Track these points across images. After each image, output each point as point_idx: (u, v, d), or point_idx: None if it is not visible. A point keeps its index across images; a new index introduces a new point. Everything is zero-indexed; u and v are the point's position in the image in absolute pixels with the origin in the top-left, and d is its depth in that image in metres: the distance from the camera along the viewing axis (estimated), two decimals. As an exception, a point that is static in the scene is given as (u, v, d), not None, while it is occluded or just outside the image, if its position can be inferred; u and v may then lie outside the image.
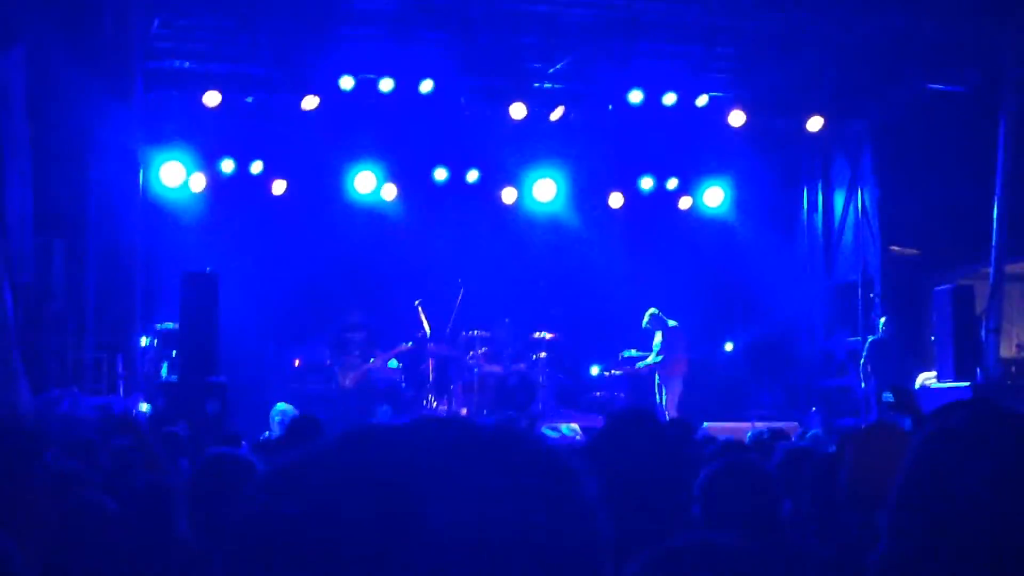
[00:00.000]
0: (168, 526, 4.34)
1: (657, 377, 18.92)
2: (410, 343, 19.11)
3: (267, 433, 13.64)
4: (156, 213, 19.07)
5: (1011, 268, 18.21)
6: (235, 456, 4.13)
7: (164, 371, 17.76)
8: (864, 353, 18.79)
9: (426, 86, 18.68)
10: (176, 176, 19.67)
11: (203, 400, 14.22)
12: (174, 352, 16.91)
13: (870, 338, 19.01)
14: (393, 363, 18.97)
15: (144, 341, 17.72)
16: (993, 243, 17.72)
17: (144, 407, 15.63)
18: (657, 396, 18.68)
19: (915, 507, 1.62)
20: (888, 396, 12.38)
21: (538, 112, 19.65)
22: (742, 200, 22.45)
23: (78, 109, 16.21)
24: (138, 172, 17.89)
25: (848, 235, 21.79)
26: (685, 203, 22.41)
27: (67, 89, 15.92)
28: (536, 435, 1.27)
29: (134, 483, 6.37)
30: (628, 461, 3.57)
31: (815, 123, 20.31)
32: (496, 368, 19.00)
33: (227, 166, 20.12)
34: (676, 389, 18.70)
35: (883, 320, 18.82)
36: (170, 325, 17.36)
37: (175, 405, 14.32)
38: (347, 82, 18.39)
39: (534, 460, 1.20)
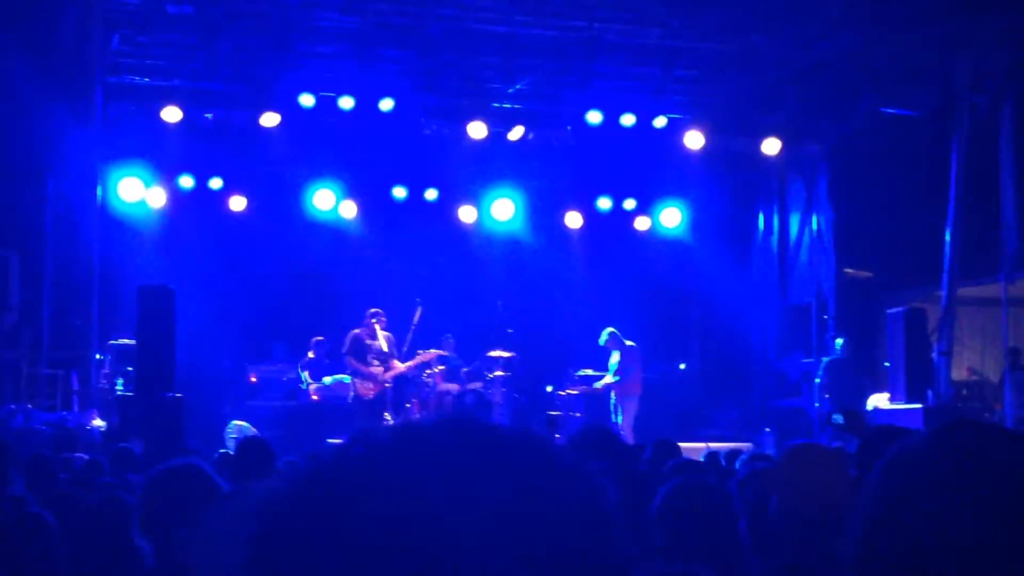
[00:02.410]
0: (123, 540, 4.36)
1: (613, 396, 18.96)
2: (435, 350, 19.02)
3: (222, 450, 13.57)
4: (114, 228, 18.99)
5: (963, 292, 18.35)
6: (192, 467, 4.14)
7: (120, 386, 17.67)
8: (820, 373, 18.91)
9: (386, 104, 18.73)
10: (135, 191, 19.63)
11: (158, 416, 14.11)
12: (129, 368, 16.81)
13: (825, 359, 19.13)
14: (346, 379, 18.88)
15: (100, 356, 17.63)
16: (945, 267, 17.86)
17: (99, 423, 15.55)
18: (612, 415, 18.72)
19: (885, 533, 1.58)
20: (838, 418, 12.52)
21: (497, 132, 19.75)
22: (698, 221, 22.57)
23: (37, 123, 16.16)
24: (96, 187, 17.84)
25: (803, 257, 21.93)
26: (642, 224, 22.54)
27: (26, 103, 15.88)
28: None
29: (89, 498, 6.39)
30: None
31: (771, 146, 20.50)
32: (452, 387, 19.02)
33: (186, 182, 20.10)
34: (632, 409, 18.73)
35: (840, 341, 18.91)
36: (126, 340, 17.25)
37: (130, 421, 14.21)
38: (307, 99, 18.45)
39: (563, 465, 1.21)
